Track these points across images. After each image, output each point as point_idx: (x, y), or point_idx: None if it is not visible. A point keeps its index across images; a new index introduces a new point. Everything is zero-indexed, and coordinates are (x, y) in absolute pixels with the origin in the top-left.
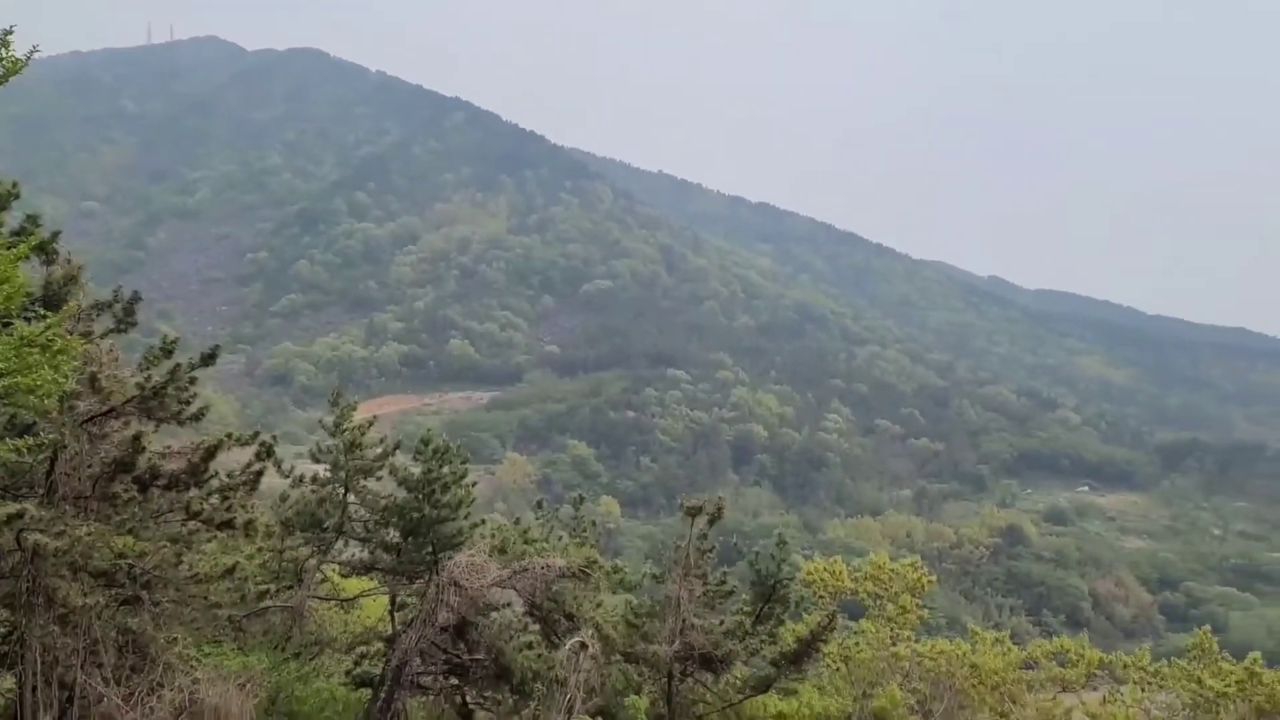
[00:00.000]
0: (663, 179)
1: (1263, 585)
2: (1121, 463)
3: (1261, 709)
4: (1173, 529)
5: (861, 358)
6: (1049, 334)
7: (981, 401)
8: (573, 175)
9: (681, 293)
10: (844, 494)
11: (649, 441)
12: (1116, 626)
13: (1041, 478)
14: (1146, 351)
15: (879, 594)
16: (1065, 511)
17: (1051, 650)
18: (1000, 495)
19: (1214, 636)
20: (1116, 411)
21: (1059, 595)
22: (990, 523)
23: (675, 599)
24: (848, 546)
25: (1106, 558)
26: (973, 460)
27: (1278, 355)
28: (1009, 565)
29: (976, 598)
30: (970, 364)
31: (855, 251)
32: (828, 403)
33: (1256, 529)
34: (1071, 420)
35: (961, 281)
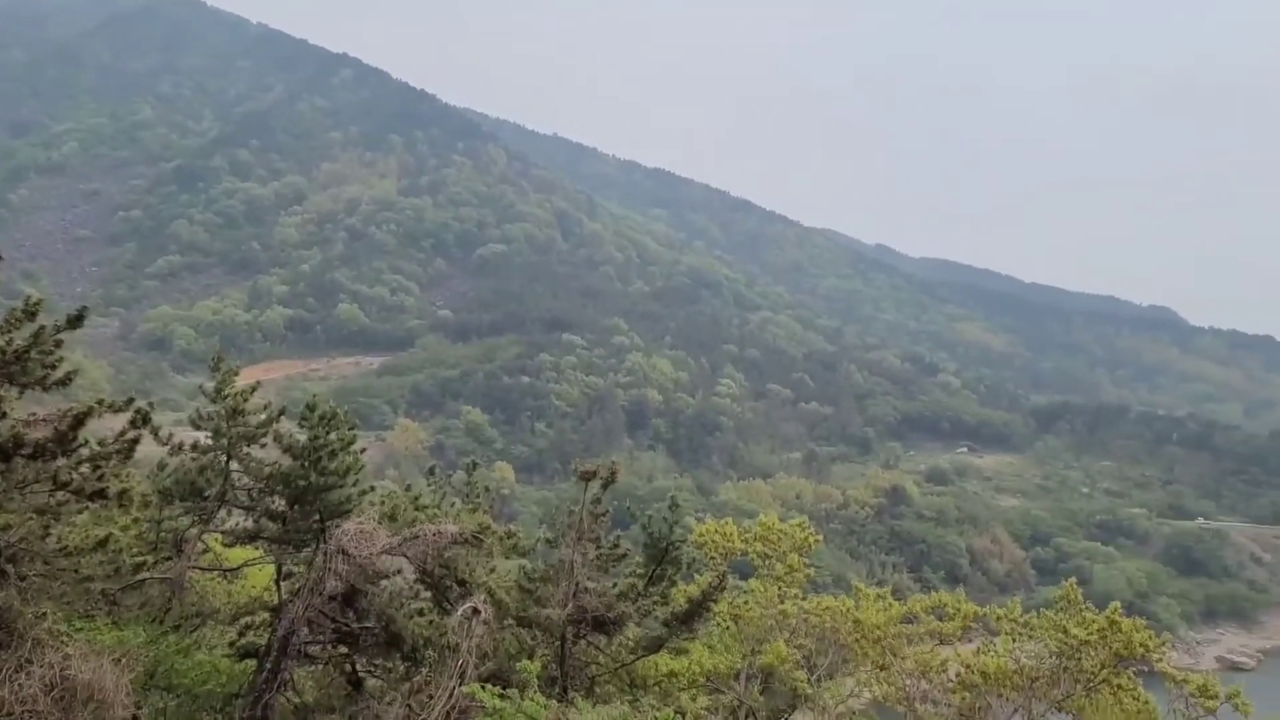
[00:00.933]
0: (558, 142)
1: (1124, 539)
2: (999, 425)
3: (1119, 654)
4: (1044, 488)
5: (754, 323)
6: (932, 301)
7: (868, 366)
8: (465, 136)
9: (577, 257)
10: (736, 457)
11: (544, 407)
12: (992, 581)
13: (924, 439)
14: (1023, 318)
15: (768, 554)
16: (946, 472)
17: (930, 605)
18: (885, 457)
19: (1079, 588)
20: (994, 375)
21: (939, 552)
22: (875, 483)
23: (569, 563)
24: (739, 508)
25: (983, 516)
26: (859, 423)
27: (1142, 322)
28: (892, 524)
29: (861, 556)
30: (858, 330)
31: (748, 218)
32: (721, 368)
33: (1120, 486)
34: (952, 384)
35: (850, 249)
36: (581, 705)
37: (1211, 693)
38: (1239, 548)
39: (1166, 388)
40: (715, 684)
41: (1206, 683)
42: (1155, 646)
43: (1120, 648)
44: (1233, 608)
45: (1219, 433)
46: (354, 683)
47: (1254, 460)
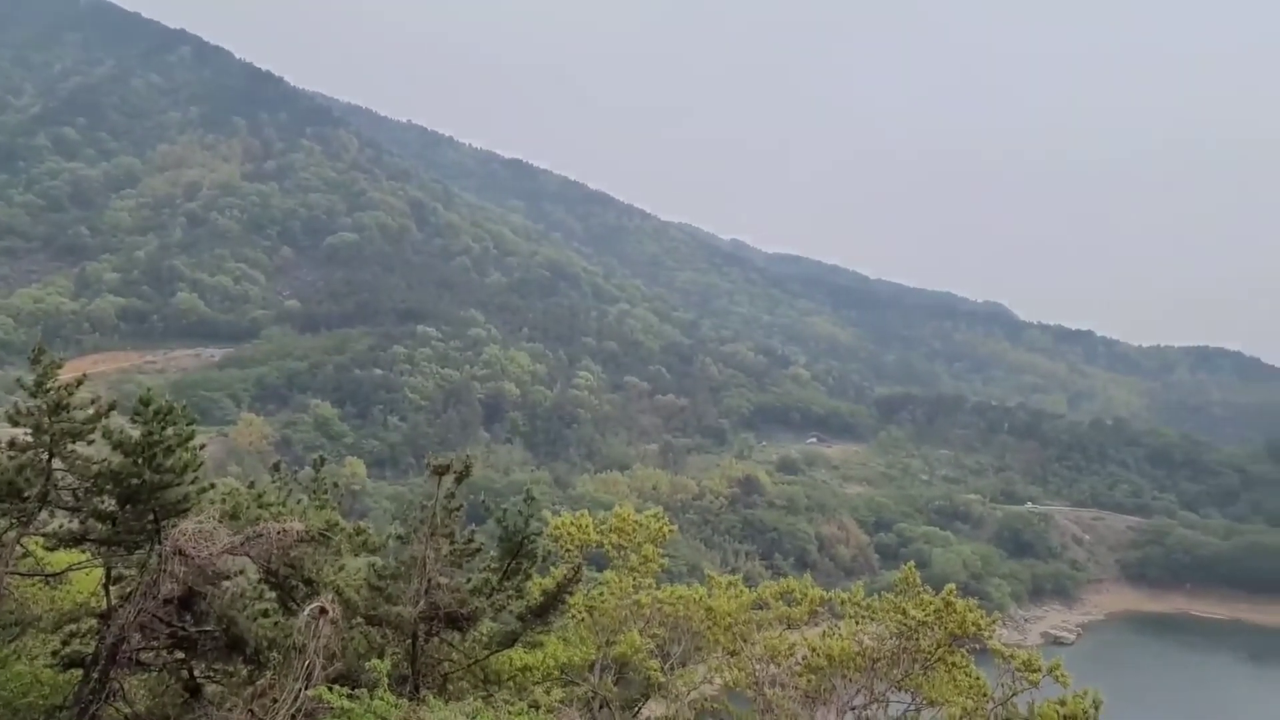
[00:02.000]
0: (412, 130)
1: (960, 524)
2: (846, 415)
3: (954, 634)
4: (888, 475)
5: (612, 316)
6: (784, 295)
7: (723, 359)
8: (315, 121)
9: (432, 248)
10: (594, 449)
11: (397, 400)
12: (839, 566)
13: (776, 430)
14: (868, 313)
15: (623, 545)
16: (796, 461)
17: (779, 591)
18: (739, 447)
19: (918, 571)
20: (842, 368)
21: (789, 539)
22: (729, 474)
23: (421, 559)
24: (597, 501)
25: (831, 503)
26: (715, 415)
27: (977, 317)
28: (745, 513)
29: (716, 545)
30: (714, 323)
31: (607, 211)
32: (579, 360)
33: (957, 473)
34: (803, 376)
35: (707, 244)
36: (433, 703)
37: (1035, 667)
38: (1062, 530)
39: (999, 379)
40: (570, 676)
41: (1030, 658)
42: (986, 625)
43: (955, 627)
44: (1056, 586)
45: (1045, 421)
46: (191, 689)
47: (1076, 447)
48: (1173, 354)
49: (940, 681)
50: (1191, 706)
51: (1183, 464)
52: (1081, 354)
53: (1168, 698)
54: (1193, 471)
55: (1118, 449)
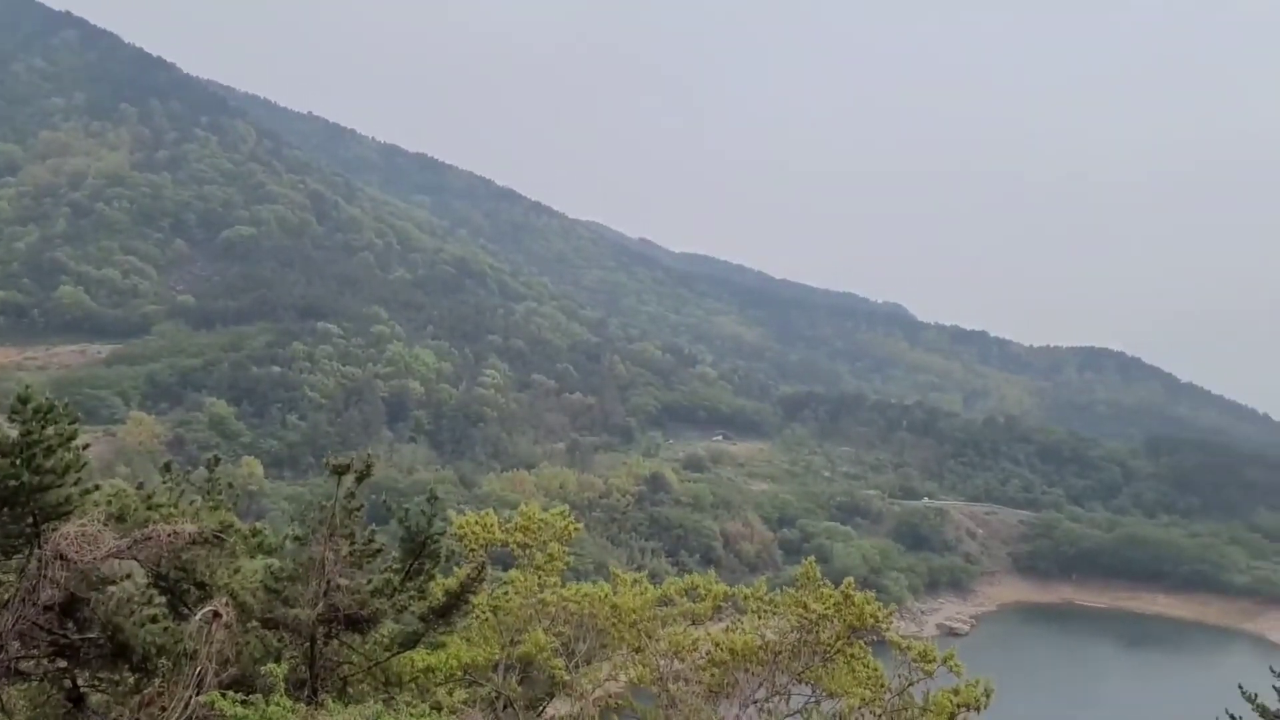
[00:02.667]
0: (313, 121)
1: (860, 519)
2: (751, 413)
3: (853, 626)
4: (791, 472)
5: (519, 314)
6: (691, 294)
7: (631, 357)
8: (210, 110)
9: (333, 242)
10: (500, 448)
11: (296, 398)
12: (743, 562)
13: (682, 428)
14: (773, 312)
15: (528, 544)
16: (702, 459)
17: (684, 587)
18: (646, 445)
19: (819, 566)
20: (747, 366)
21: (695, 536)
22: (636, 472)
23: (320, 560)
24: (503, 499)
25: (736, 500)
26: (622, 413)
27: (878, 317)
28: (652, 511)
29: (622, 542)
30: (621, 321)
31: (514, 207)
32: (485, 358)
33: (857, 470)
34: (709, 375)
35: (614, 242)
36: (332, 707)
37: (930, 657)
38: (957, 524)
39: (898, 378)
40: (473, 676)
41: (926, 649)
42: (884, 617)
43: (853, 620)
44: (951, 579)
45: (942, 419)
46: (75, 699)
47: (970, 444)
48: (1061, 354)
49: (840, 673)
50: (1074, 691)
51: (1070, 460)
52: (976, 354)
53: (1053, 683)
54: (1079, 467)
55: (1010, 446)
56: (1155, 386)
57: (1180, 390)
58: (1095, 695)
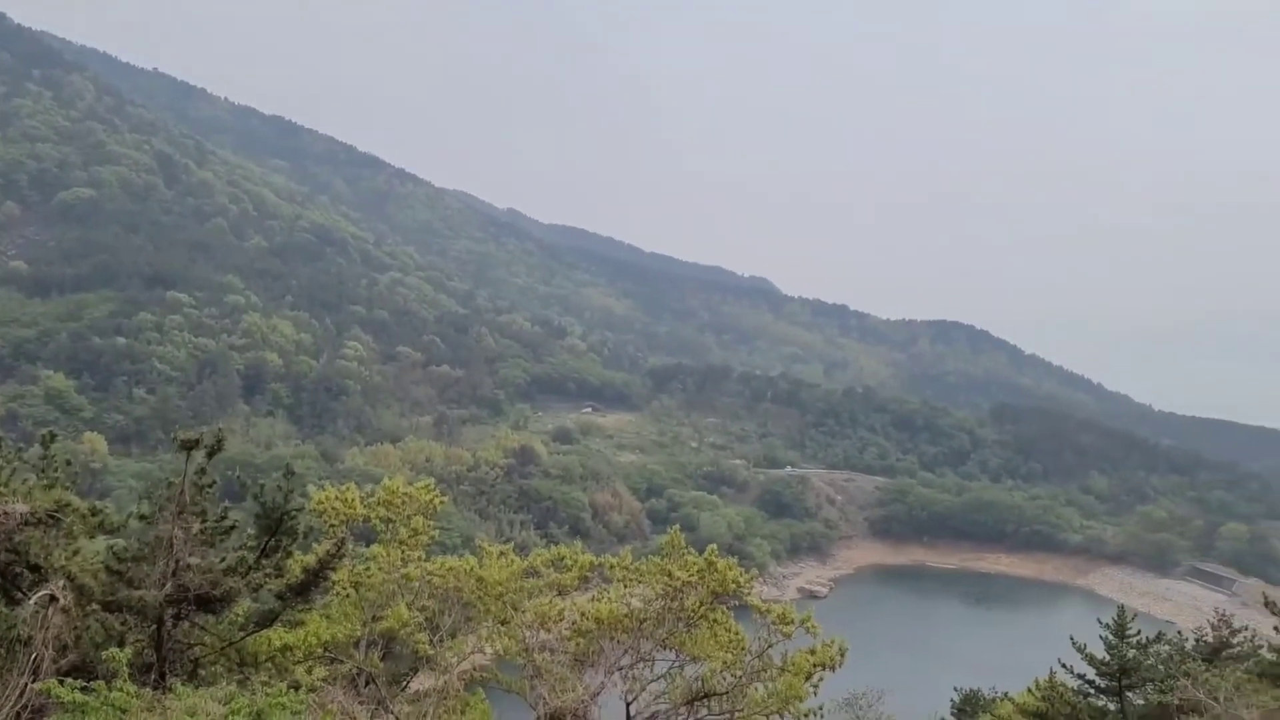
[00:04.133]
0: (160, 79)
1: (726, 488)
2: (620, 385)
3: (716, 592)
4: (659, 443)
5: (383, 284)
6: (560, 266)
7: (500, 329)
8: (43, 64)
9: (183, 207)
10: (364, 422)
11: (144, 371)
12: (612, 532)
13: (552, 400)
14: (642, 285)
15: (391, 518)
16: (571, 431)
17: (550, 558)
18: (515, 418)
19: (686, 534)
20: (616, 339)
21: (564, 508)
22: (505, 444)
23: (168, 539)
24: (367, 474)
25: (605, 472)
26: (490, 385)
27: (744, 291)
28: (521, 483)
29: (491, 516)
30: (490, 293)
31: (377, 175)
32: (348, 329)
33: (723, 440)
34: (579, 347)
35: (482, 212)
36: (181, 691)
37: (788, 620)
38: (818, 491)
39: (763, 350)
40: (334, 653)
41: (785, 611)
42: (746, 583)
43: (716, 586)
44: (812, 544)
45: (804, 390)
46: None
47: (830, 414)
48: (916, 327)
49: (703, 638)
50: (924, 647)
51: (923, 428)
52: (837, 327)
53: (905, 640)
54: (931, 435)
55: (867, 415)
56: (1001, 358)
57: (1024, 361)
58: (944, 650)
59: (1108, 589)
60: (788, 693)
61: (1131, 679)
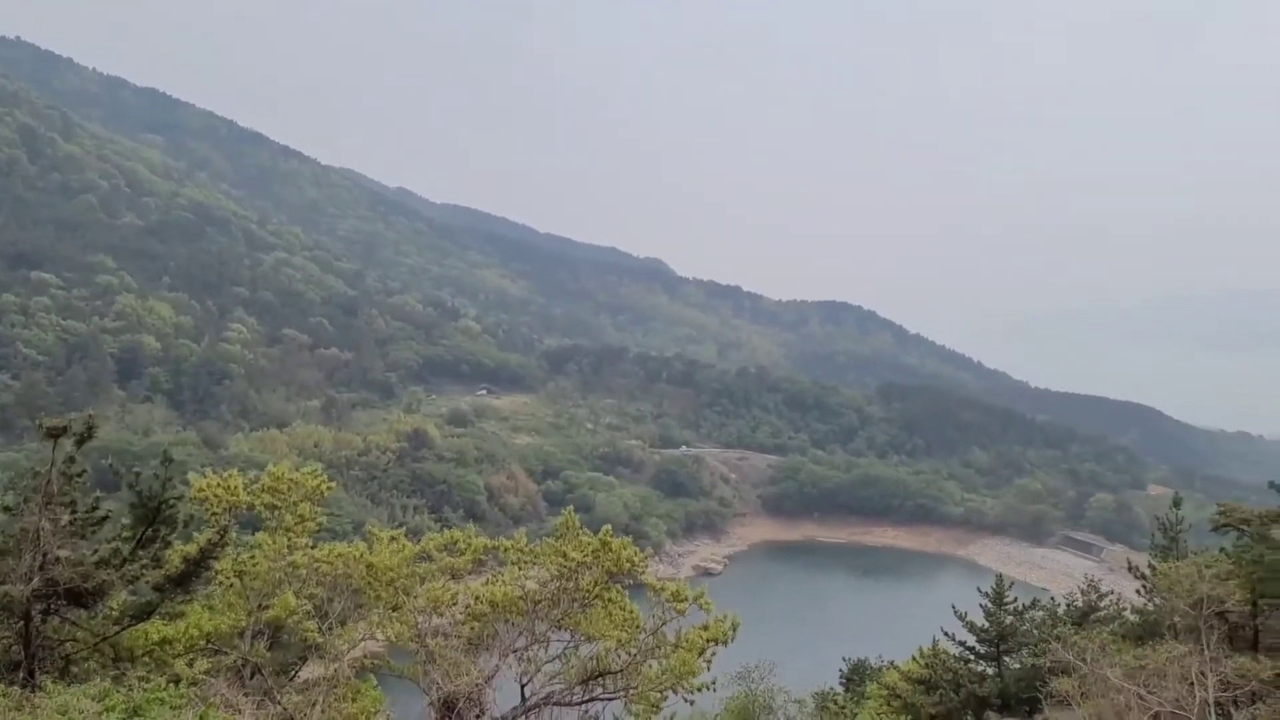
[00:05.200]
0: (22, 48)
1: (622, 469)
2: (515, 367)
3: (610, 571)
4: (555, 425)
5: (267, 264)
6: (453, 247)
7: (390, 311)
8: None
9: (49, 183)
10: (249, 407)
11: (9, 356)
12: (508, 515)
13: (445, 383)
14: (538, 266)
15: (276, 505)
16: (466, 414)
17: (443, 542)
18: (407, 401)
19: (583, 515)
20: (511, 320)
21: (459, 491)
22: (397, 428)
23: (34, 531)
24: (252, 460)
25: (501, 454)
26: (381, 368)
27: (640, 272)
28: (414, 467)
29: (383, 501)
30: (380, 274)
31: (260, 151)
32: (230, 311)
33: (619, 421)
34: (473, 329)
35: (371, 191)
36: (51, 688)
37: (682, 597)
38: (713, 470)
39: (658, 331)
40: (217, 645)
41: (679, 589)
42: (640, 562)
43: (611, 566)
44: (707, 522)
45: (699, 371)
46: None
47: (725, 394)
48: (807, 308)
49: (598, 617)
50: (814, 619)
51: (813, 407)
52: (731, 308)
53: (796, 614)
54: (821, 413)
55: (760, 395)
56: (887, 338)
57: (909, 341)
58: (833, 621)
59: (987, 559)
60: (681, 669)
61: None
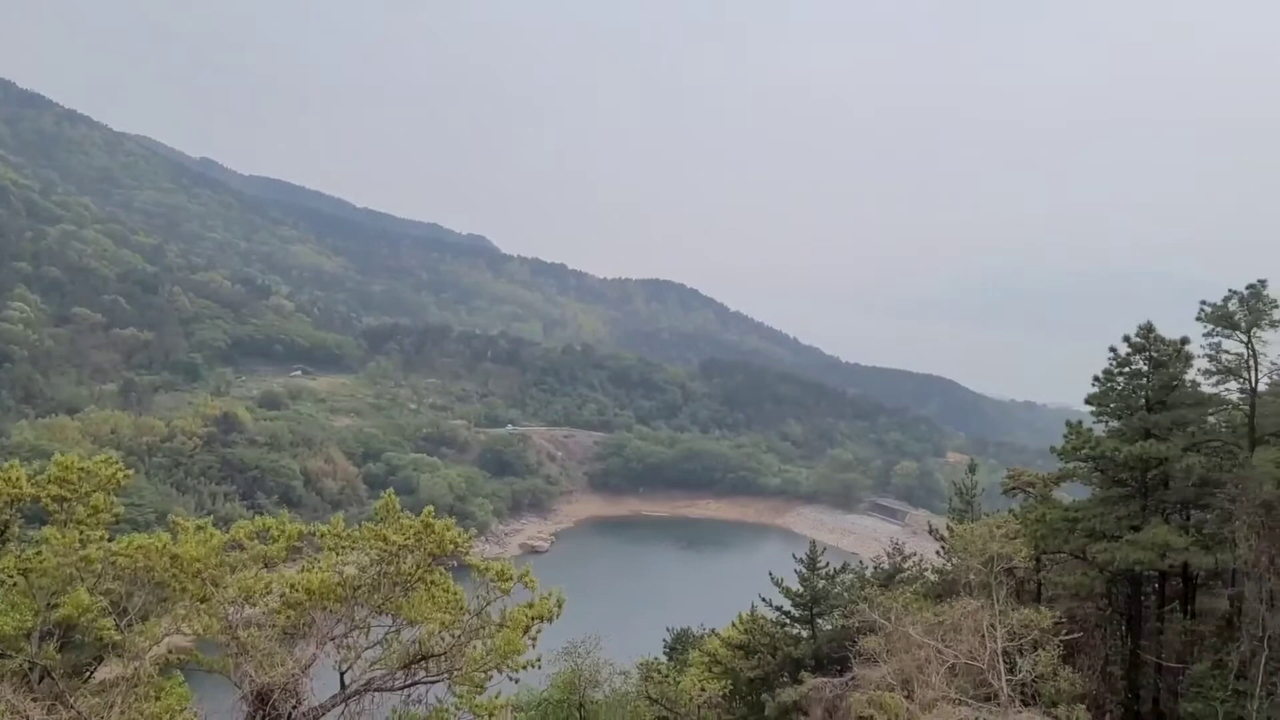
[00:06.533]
0: None
1: (447, 449)
2: (332, 347)
3: (434, 553)
4: (377, 406)
5: (53, 238)
6: (264, 221)
7: (195, 288)
8: None
9: None
10: (34, 391)
11: None
12: (326, 500)
13: (257, 364)
14: (355, 242)
15: (66, 497)
16: (279, 396)
17: (255, 530)
18: (215, 383)
19: (406, 497)
20: (328, 298)
21: (273, 476)
22: (205, 412)
23: None
24: (39, 449)
25: (318, 437)
26: (186, 349)
27: (463, 249)
28: (223, 453)
29: (190, 488)
30: (182, 249)
31: (42, 115)
32: (10, 288)
33: (443, 401)
34: (285, 307)
35: (171, 160)
36: None
37: (507, 576)
38: (539, 448)
39: (482, 309)
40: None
41: (504, 568)
42: (464, 542)
43: (434, 547)
44: (534, 500)
45: (524, 349)
46: None
47: (550, 372)
48: (631, 286)
49: (420, 600)
50: (640, 591)
51: (638, 383)
52: (556, 285)
53: (622, 586)
54: (646, 389)
55: (586, 372)
56: (709, 315)
57: (730, 318)
58: (658, 593)
59: (802, 526)
60: (506, 648)
61: (821, 607)
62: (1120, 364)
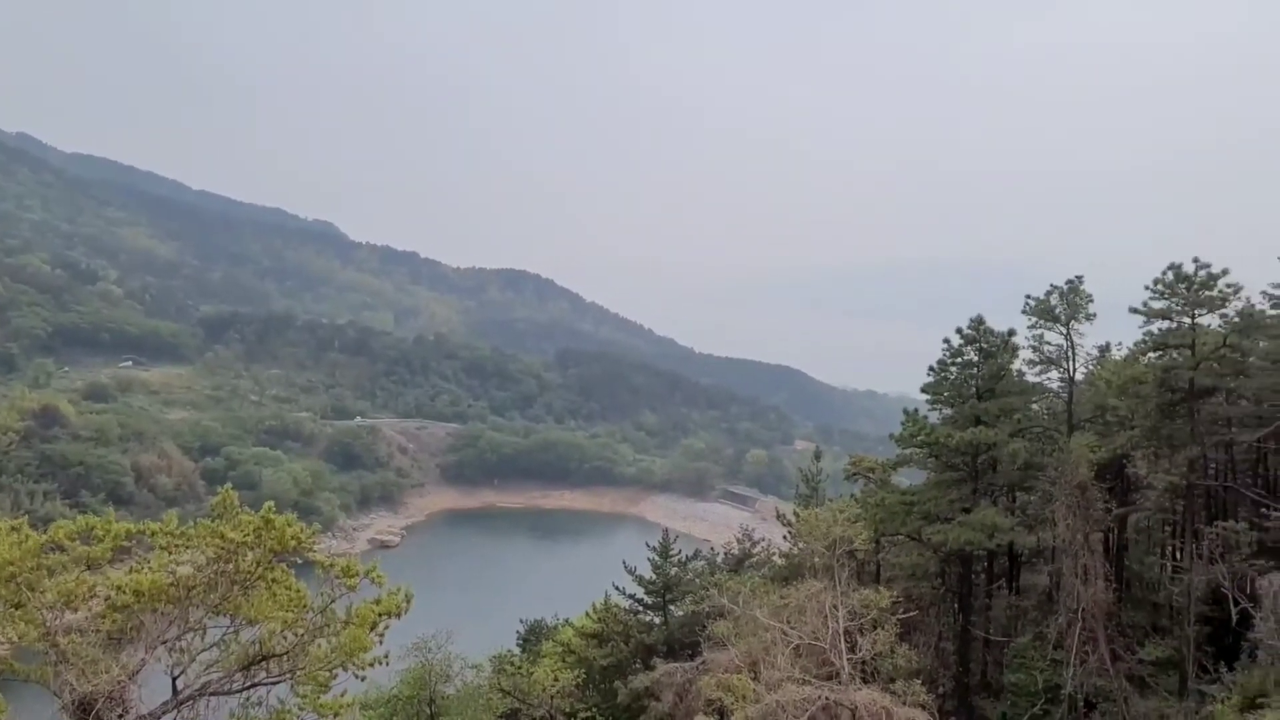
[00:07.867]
0: None
1: (291, 442)
2: (166, 336)
3: (275, 551)
4: (215, 398)
5: None
6: (88, 201)
7: (10, 273)
8: None
9: None
10: None
11: None
12: (160, 497)
13: (81, 354)
14: (191, 226)
15: None
16: (107, 388)
17: (77, 530)
18: (34, 375)
19: (248, 493)
20: (161, 285)
21: (99, 473)
22: (22, 405)
23: None
24: None
25: (150, 431)
26: (1, 338)
27: (308, 235)
28: (43, 449)
29: (5, 487)
30: None
31: None
32: None
33: (288, 392)
34: (114, 294)
35: None
36: None
37: (353, 572)
38: (389, 440)
39: (329, 297)
40: None
41: (350, 564)
42: (308, 538)
43: (275, 544)
44: (384, 494)
45: (374, 338)
46: None
47: (401, 362)
48: (486, 275)
49: (260, 599)
50: (494, 583)
51: (493, 374)
52: (407, 274)
53: (476, 580)
54: (501, 380)
55: (439, 362)
56: (565, 305)
57: (585, 309)
58: (513, 585)
59: (656, 515)
60: (352, 645)
61: (673, 594)
62: (953, 354)
